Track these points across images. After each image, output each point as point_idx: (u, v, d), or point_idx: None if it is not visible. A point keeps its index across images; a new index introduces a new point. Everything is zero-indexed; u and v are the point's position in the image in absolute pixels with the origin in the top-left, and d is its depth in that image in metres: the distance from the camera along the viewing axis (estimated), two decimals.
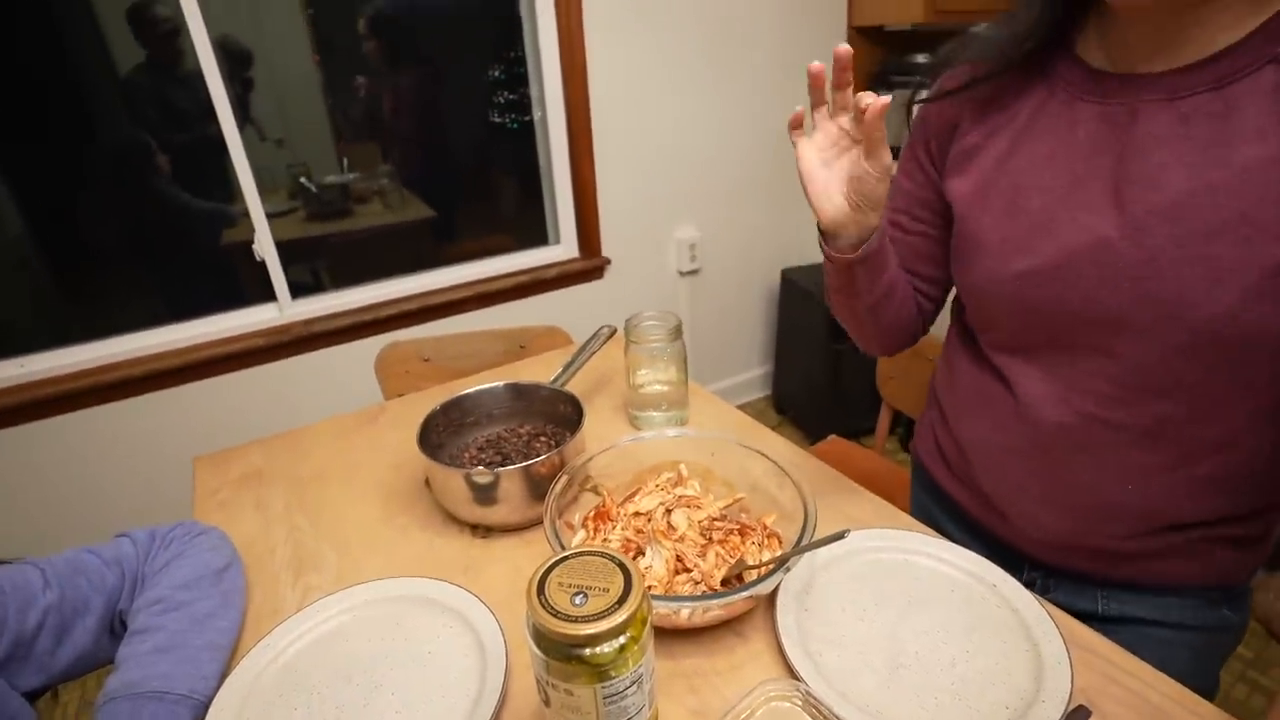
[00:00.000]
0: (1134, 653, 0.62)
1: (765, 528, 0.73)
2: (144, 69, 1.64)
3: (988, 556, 0.79)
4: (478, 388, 0.93)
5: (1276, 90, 0.49)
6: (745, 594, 0.58)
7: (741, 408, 1.01)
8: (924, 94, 0.72)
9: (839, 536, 0.56)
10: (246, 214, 1.71)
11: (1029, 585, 0.74)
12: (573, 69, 1.91)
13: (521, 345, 1.37)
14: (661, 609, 0.59)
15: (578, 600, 0.46)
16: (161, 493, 1.74)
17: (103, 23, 1.57)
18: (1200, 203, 0.52)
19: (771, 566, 0.63)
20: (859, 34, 2.40)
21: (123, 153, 1.66)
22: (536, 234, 2.15)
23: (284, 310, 1.77)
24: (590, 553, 0.51)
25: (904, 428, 2.37)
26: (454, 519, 0.82)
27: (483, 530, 0.80)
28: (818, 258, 2.62)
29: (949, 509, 0.83)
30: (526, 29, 1.92)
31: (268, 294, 1.77)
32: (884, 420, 1.38)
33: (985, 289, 0.66)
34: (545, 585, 0.47)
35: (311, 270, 1.93)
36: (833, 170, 0.61)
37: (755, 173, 2.37)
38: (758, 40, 2.19)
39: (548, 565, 0.50)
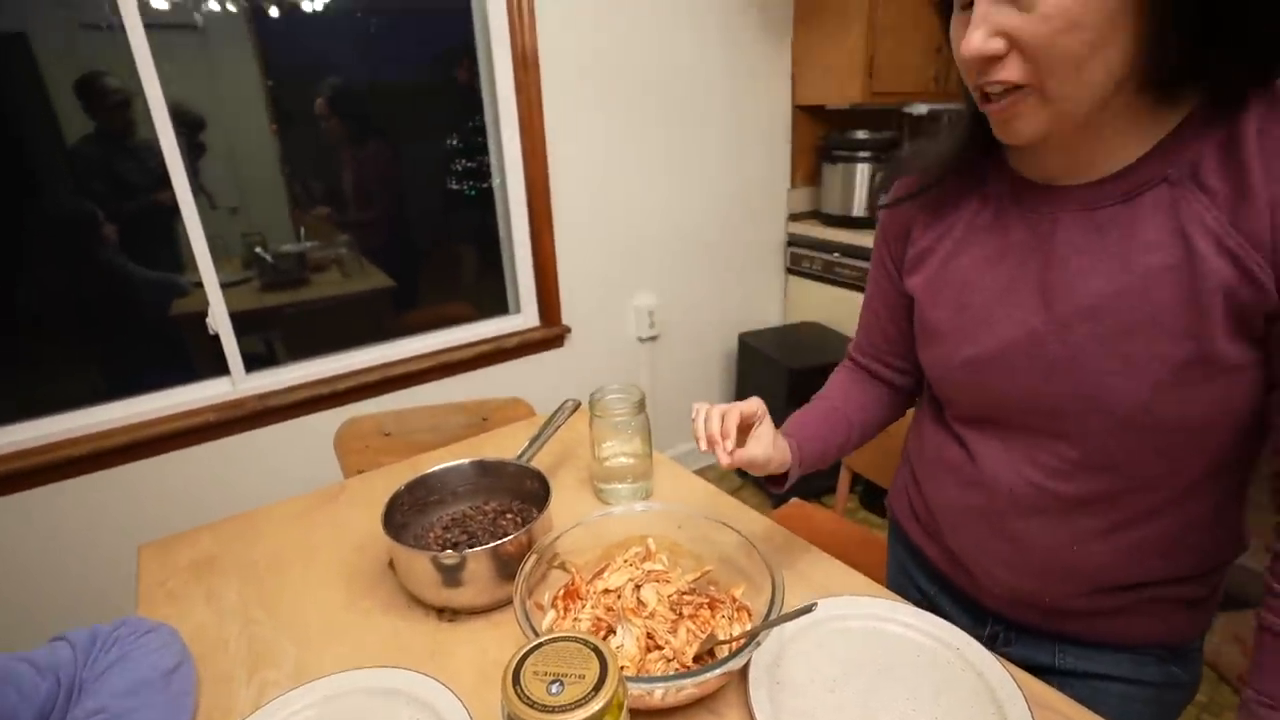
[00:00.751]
0: (1091, 706, 0.64)
1: (734, 600, 0.74)
2: (92, 139, 1.62)
3: (957, 609, 0.81)
4: (444, 465, 0.92)
5: (1170, 206, 0.54)
6: (717, 672, 0.58)
7: (704, 470, 1.03)
8: (880, 199, 0.80)
9: (807, 610, 0.58)
10: (197, 284, 1.68)
11: (992, 638, 0.77)
12: (533, 143, 1.97)
13: (484, 417, 1.37)
14: (635, 690, 0.59)
15: (554, 689, 0.46)
16: (104, 583, 1.63)
17: (52, 92, 1.56)
18: (1115, 305, 0.56)
19: (742, 642, 0.63)
20: (802, 111, 2.55)
21: (68, 223, 1.63)
22: (497, 303, 2.17)
23: (237, 384, 1.73)
24: (564, 638, 0.51)
25: (862, 487, 2.41)
26: (419, 602, 0.80)
27: (449, 613, 0.79)
28: (773, 322, 2.71)
29: (922, 564, 0.86)
30: (487, 103, 1.98)
31: (220, 367, 1.73)
32: (844, 483, 1.41)
33: (940, 371, 0.72)
34: (520, 675, 0.47)
35: (266, 342, 1.90)
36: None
37: (710, 241, 2.46)
38: (710, 117, 2.31)
39: (522, 654, 0.49)
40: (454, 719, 0.63)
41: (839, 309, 2.50)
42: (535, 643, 0.50)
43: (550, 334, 2.12)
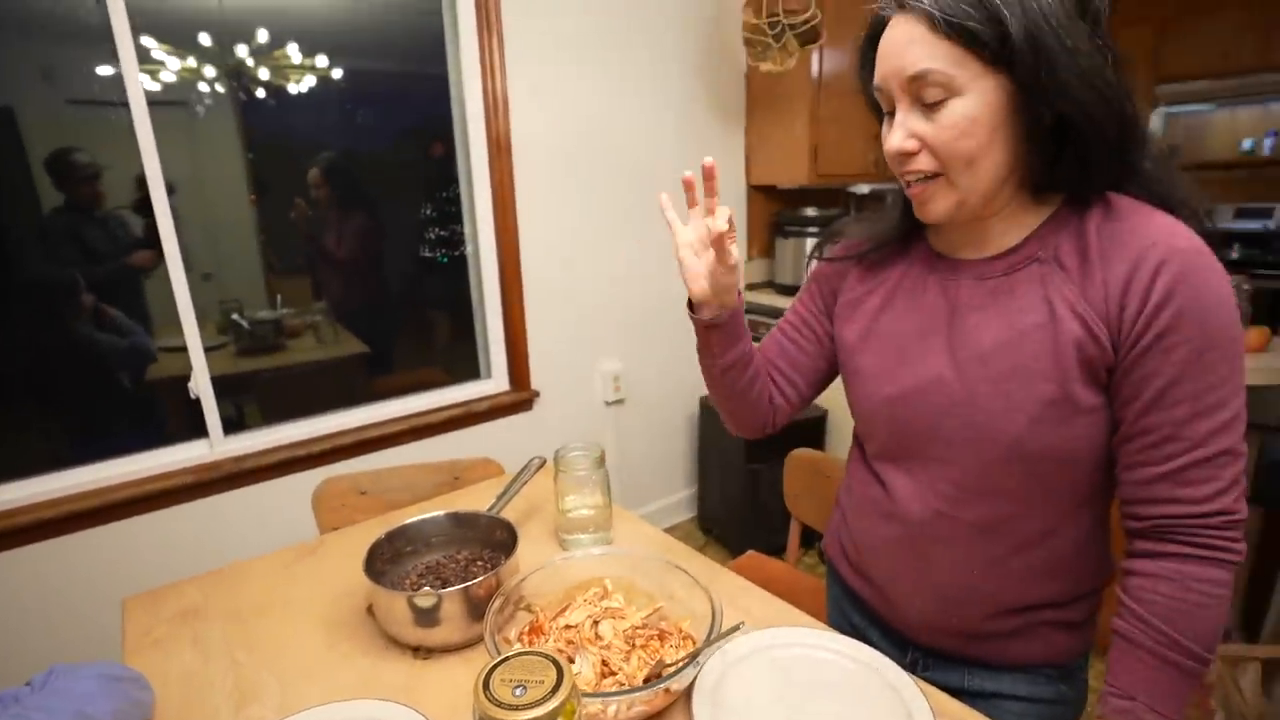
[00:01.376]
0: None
1: (681, 631, 0.83)
2: (63, 210, 1.68)
3: (885, 641, 0.91)
4: (420, 516, 1.01)
5: (1040, 280, 0.70)
6: (661, 685, 0.67)
7: (671, 529, 1.11)
8: (822, 251, 0.95)
9: (735, 629, 0.67)
10: (169, 349, 1.74)
11: (913, 664, 0.87)
12: (504, 218, 2.13)
13: (455, 476, 1.45)
14: (591, 706, 0.67)
15: (518, 692, 0.55)
16: (86, 640, 1.64)
17: (31, 160, 1.62)
18: (1000, 354, 0.71)
19: (685, 662, 0.72)
20: (756, 190, 2.77)
21: (44, 292, 1.68)
22: (468, 368, 2.27)
23: (215, 447, 1.79)
24: (527, 653, 0.59)
25: (819, 541, 2.49)
26: (396, 643, 0.87)
27: (424, 651, 0.86)
28: None
29: (854, 601, 0.96)
30: (462, 180, 2.14)
31: (197, 430, 1.78)
32: (794, 533, 1.51)
33: (866, 408, 0.84)
34: (490, 681, 0.56)
35: (237, 406, 1.96)
36: (700, 259, 0.81)
37: (671, 309, 2.62)
38: (670, 194, 2.50)
39: (491, 665, 0.58)
40: None
41: None
42: (503, 656, 0.59)
43: (520, 398, 2.22)
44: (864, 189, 2.78)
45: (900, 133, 0.68)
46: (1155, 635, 0.67)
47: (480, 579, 0.85)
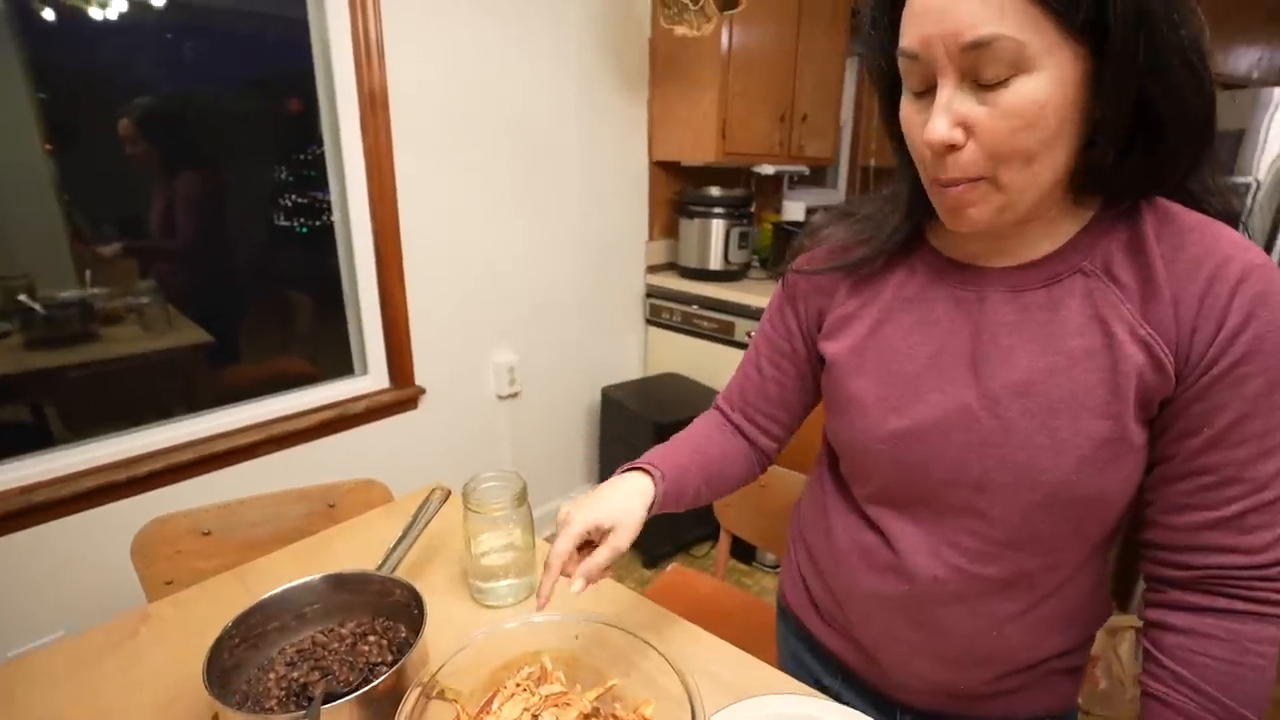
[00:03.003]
0: None
1: None
2: None
3: (862, 701, 0.79)
4: (287, 586, 0.76)
5: (1086, 295, 0.58)
6: None
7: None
8: (795, 262, 0.78)
9: None
10: None
11: None
12: (381, 188, 1.82)
13: (331, 504, 1.19)
14: None
15: None
16: None
17: None
18: (1043, 382, 0.58)
19: None
20: (659, 166, 2.61)
21: None
22: (341, 363, 1.95)
23: None
24: None
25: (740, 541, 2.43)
26: None
27: None
28: (635, 375, 2.67)
29: (822, 656, 0.83)
30: (327, 139, 1.80)
31: None
32: (723, 547, 1.39)
33: (862, 445, 0.69)
34: None
35: (27, 416, 1.54)
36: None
37: (569, 295, 2.42)
38: (568, 168, 2.29)
39: None
40: None
41: (698, 359, 2.54)
42: None
43: (403, 396, 1.94)
44: (769, 169, 2.70)
45: (945, 119, 0.52)
46: (1207, 703, 0.58)
47: (377, 682, 0.63)
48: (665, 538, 2.38)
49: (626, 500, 0.70)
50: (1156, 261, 0.56)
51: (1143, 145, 0.53)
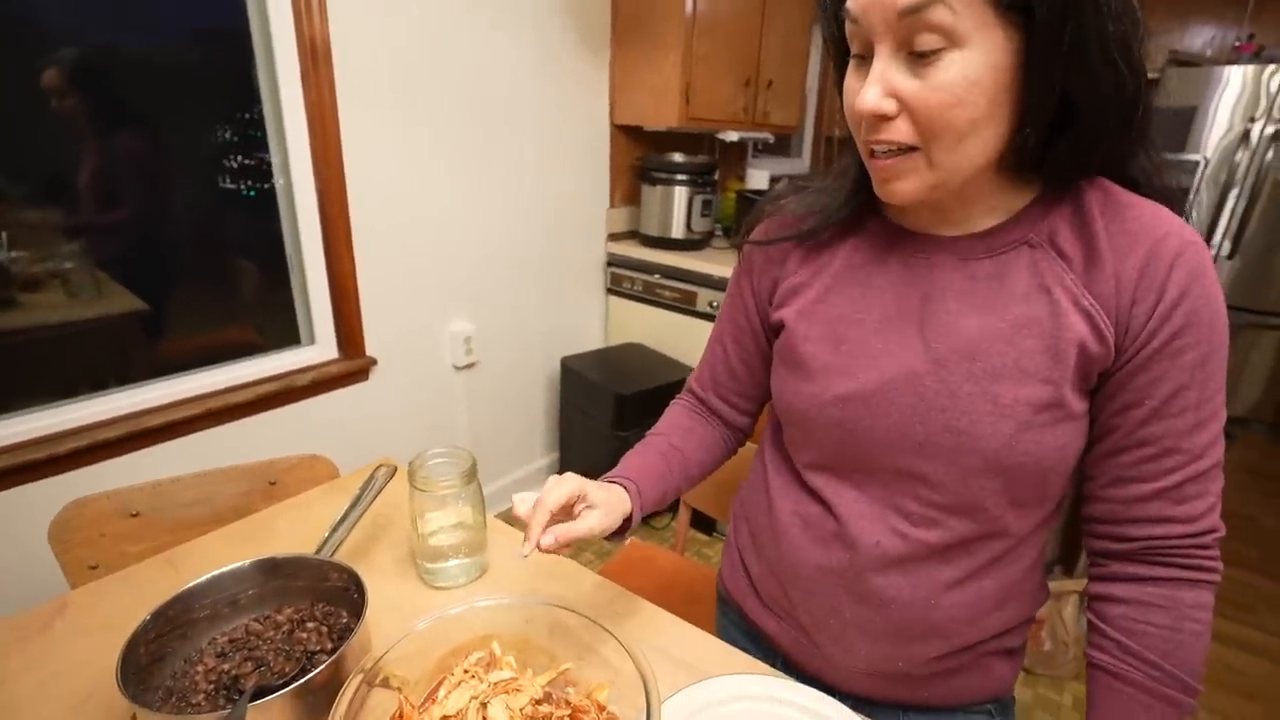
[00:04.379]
0: None
1: (600, 708, 0.64)
2: None
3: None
4: (212, 574, 0.71)
5: (1031, 266, 0.59)
6: None
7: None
8: (750, 232, 0.78)
9: None
10: None
11: None
12: (325, 147, 1.72)
13: (271, 481, 1.13)
14: None
15: None
16: None
17: None
18: (988, 348, 0.59)
19: None
20: (620, 131, 2.53)
21: None
22: (286, 332, 1.86)
23: None
24: None
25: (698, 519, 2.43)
26: None
27: None
28: (595, 345, 2.62)
29: (761, 644, 0.83)
30: (265, 95, 1.69)
31: None
32: (683, 520, 1.38)
33: (808, 410, 0.68)
34: None
35: None
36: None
37: (527, 263, 2.35)
38: (526, 129, 2.20)
39: None
40: None
41: (660, 330, 2.51)
42: None
43: (352, 367, 1.86)
44: (733, 136, 2.65)
45: (877, 89, 0.53)
46: (1149, 671, 0.60)
47: (313, 673, 0.59)
48: None
49: (615, 502, 0.70)
50: (1100, 235, 0.57)
51: (1067, 133, 0.54)
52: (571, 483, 0.66)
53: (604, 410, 2.25)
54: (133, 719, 0.64)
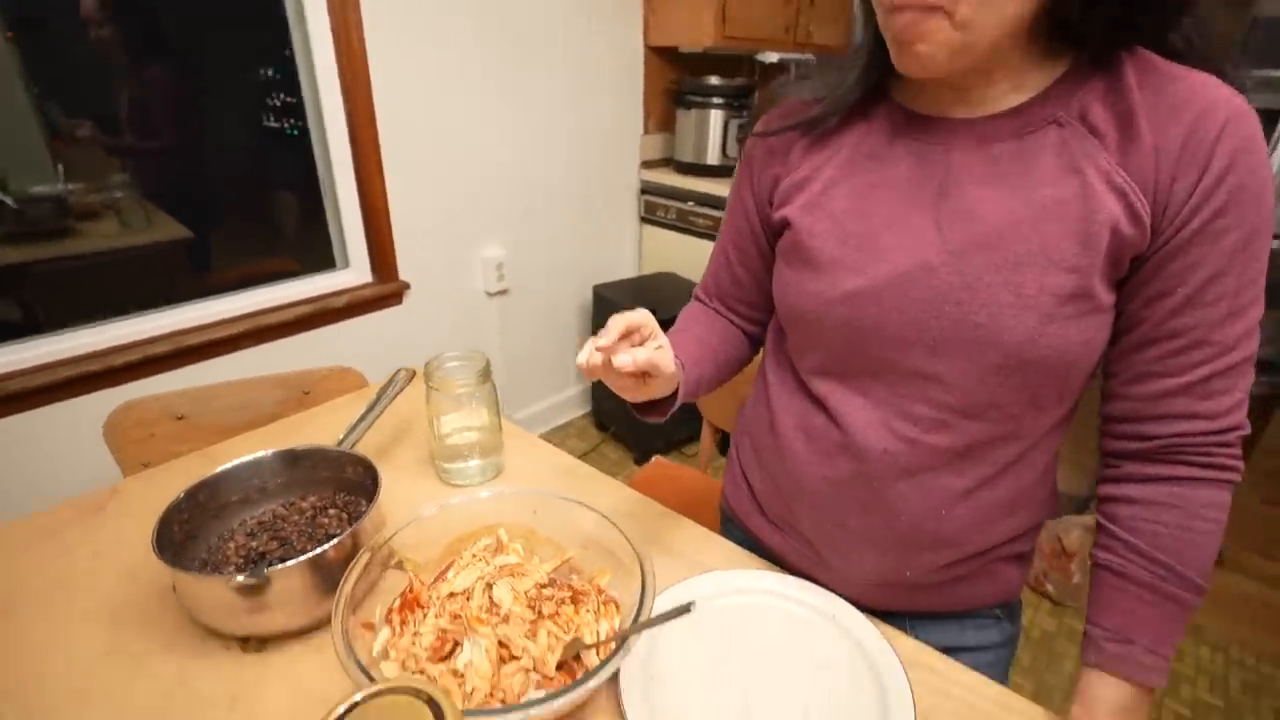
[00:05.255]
0: None
1: (600, 592, 0.66)
2: None
3: None
4: (238, 461, 0.76)
5: (1060, 145, 0.54)
6: (583, 690, 0.50)
7: (563, 428, 0.94)
8: (754, 124, 0.74)
9: (683, 611, 0.51)
10: None
11: None
12: (353, 72, 1.71)
13: (305, 391, 1.18)
14: None
15: None
16: None
17: None
18: (1010, 234, 0.55)
19: (611, 646, 0.56)
20: (654, 53, 2.45)
21: None
22: (321, 257, 1.90)
23: None
24: (390, 690, 0.40)
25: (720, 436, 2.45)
26: (216, 634, 0.65)
27: (256, 643, 0.64)
28: (628, 274, 2.59)
29: (763, 558, 0.82)
30: (292, 19, 1.68)
31: None
32: (707, 439, 1.39)
33: (813, 310, 0.65)
34: None
35: (8, 307, 1.52)
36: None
37: (559, 190, 2.32)
38: (556, 57, 2.14)
39: (337, 715, 0.38)
40: None
41: (694, 258, 2.48)
42: (350, 702, 0.39)
43: (385, 291, 1.90)
44: (773, 57, 2.52)
45: None
46: (1156, 570, 0.58)
47: (327, 545, 0.63)
48: (656, 434, 2.40)
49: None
50: (1138, 109, 0.52)
51: None
52: (639, 314, 0.62)
53: None
54: (173, 587, 0.70)
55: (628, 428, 2.49)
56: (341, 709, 0.38)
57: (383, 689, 0.40)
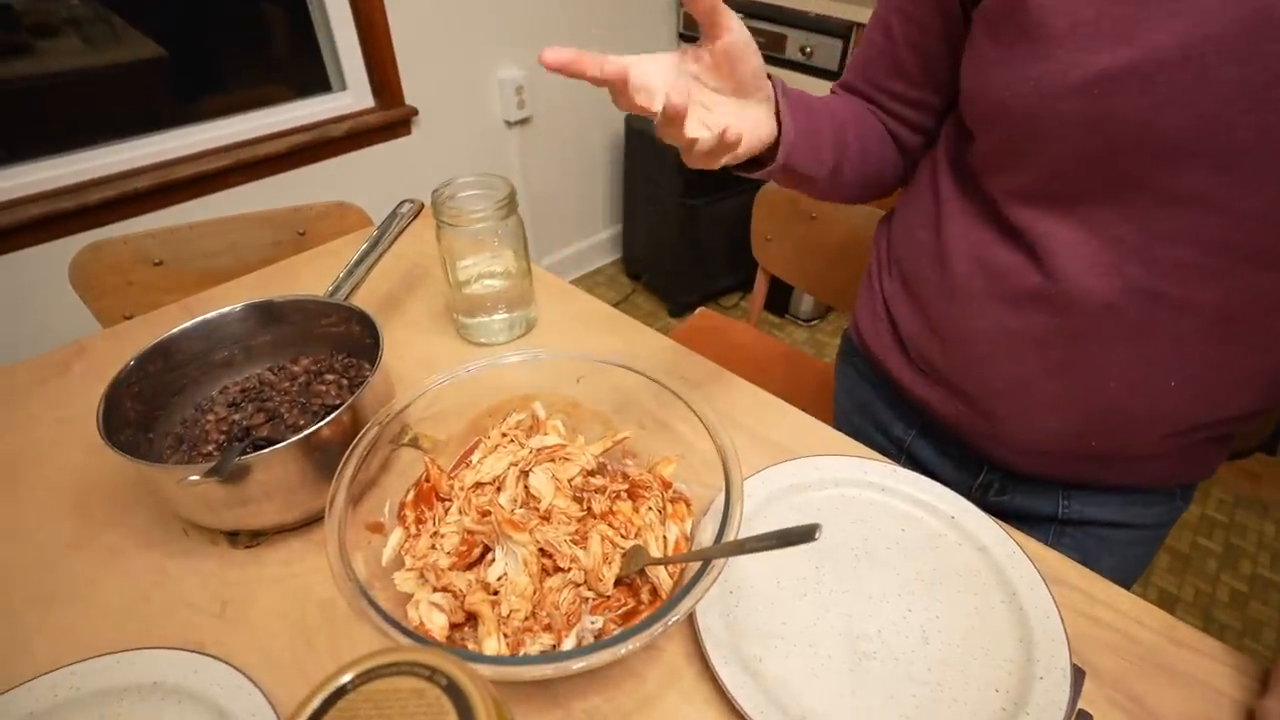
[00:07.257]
0: (1093, 557, 0.54)
1: (665, 484, 0.53)
2: None
3: (942, 458, 0.65)
4: (196, 320, 0.61)
5: None
6: (657, 628, 0.38)
7: (591, 275, 0.79)
8: None
9: (805, 535, 0.36)
10: None
11: (984, 488, 0.62)
12: None
13: (300, 231, 1.01)
14: (541, 672, 0.37)
15: None
16: None
17: None
18: None
19: (686, 564, 0.43)
20: None
21: None
22: (316, 80, 1.64)
23: None
24: (393, 667, 0.27)
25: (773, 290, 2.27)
26: (201, 526, 0.54)
27: (247, 536, 0.53)
28: None
29: (900, 403, 0.68)
30: None
31: None
32: (760, 288, 1.21)
33: (1037, 103, 0.45)
34: None
35: None
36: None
37: (585, 2, 1.97)
38: None
39: (311, 712, 0.25)
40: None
41: None
42: (335, 687, 0.26)
43: (390, 118, 1.66)
44: None
45: None
46: None
47: (318, 426, 0.49)
48: (693, 285, 2.22)
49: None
50: None
51: None
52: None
53: (672, 177, 2.01)
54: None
55: (659, 276, 2.31)
56: (318, 702, 0.25)
57: (382, 664, 0.27)
